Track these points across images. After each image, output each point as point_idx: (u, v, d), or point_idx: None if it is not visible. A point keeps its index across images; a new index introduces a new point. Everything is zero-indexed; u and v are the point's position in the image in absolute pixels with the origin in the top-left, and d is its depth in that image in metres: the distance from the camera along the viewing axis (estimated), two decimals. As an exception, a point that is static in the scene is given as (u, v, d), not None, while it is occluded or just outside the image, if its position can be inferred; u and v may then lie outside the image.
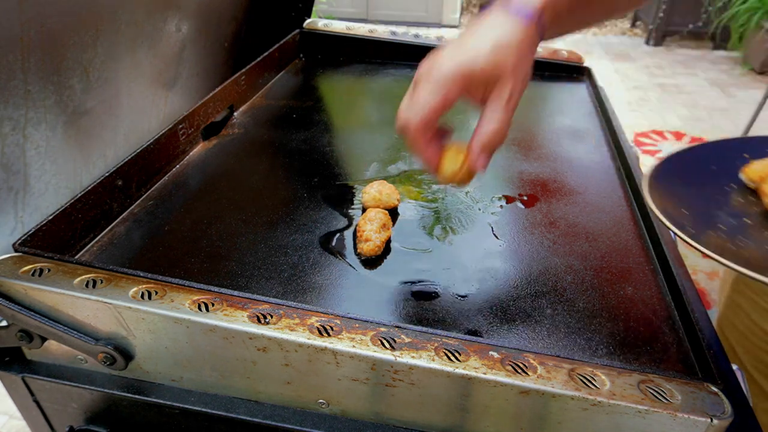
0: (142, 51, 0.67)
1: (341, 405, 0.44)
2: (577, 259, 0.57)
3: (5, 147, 0.49)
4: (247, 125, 0.86)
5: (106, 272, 0.46)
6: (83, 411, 0.51)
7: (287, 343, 0.41)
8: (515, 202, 0.67)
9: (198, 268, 0.55)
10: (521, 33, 0.46)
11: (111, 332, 0.45)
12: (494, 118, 0.47)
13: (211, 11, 0.83)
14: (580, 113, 0.92)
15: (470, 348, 0.40)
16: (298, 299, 0.51)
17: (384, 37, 1.11)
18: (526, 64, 0.48)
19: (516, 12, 0.46)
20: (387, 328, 0.42)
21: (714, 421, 0.36)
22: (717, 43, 4.01)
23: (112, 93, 0.62)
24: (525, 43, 0.46)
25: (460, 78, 0.46)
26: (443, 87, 0.46)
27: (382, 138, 0.83)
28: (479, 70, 0.46)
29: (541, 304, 0.51)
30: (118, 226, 0.62)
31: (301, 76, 1.07)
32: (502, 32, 0.46)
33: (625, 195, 0.69)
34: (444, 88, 0.46)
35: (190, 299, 0.44)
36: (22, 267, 0.47)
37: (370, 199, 0.63)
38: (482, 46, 0.46)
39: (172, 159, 0.73)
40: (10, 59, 0.47)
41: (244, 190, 0.69)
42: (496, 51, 0.46)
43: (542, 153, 0.79)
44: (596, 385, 0.38)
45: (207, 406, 0.46)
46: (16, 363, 0.51)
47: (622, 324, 0.49)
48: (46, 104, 0.52)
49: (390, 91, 1.01)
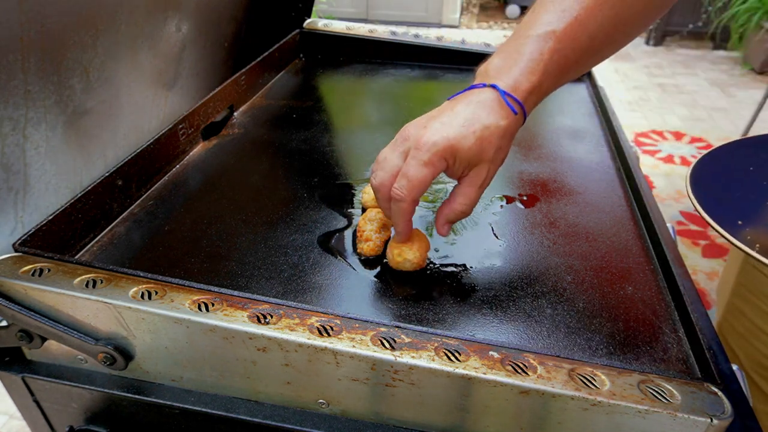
0: (142, 51, 0.67)
1: (341, 405, 0.44)
2: (577, 259, 0.57)
3: (5, 147, 0.49)
4: (247, 125, 0.86)
5: (106, 272, 0.46)
6: (83, 411, 0.51)
7: (287, 343, 0.41)
8: (515, 202, 0.67)
9: (198, 268, 0.55)
10: (507, 120, 0.48)
11: (111, 332, 0.45)
12: (466, 197, 0.50)
13: (211, 11, 0.83)
14: (580, 113, 0.92)
15: (470, 348, 0.40)
16: (298, 299, 0.51)
17: (384, 37, 1.11)
18: (505, 149, 0.50)
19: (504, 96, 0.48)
20: (387, 328, 0.42)
21: (714, 421, 0.36)
22: (717, 43, 4.01)
23: (112, 93, 0.62)
24: (509, 130, 0.49)
25: (448, 151, 0.47)
26: (432, 160, 0.47)
27: (382, 138, 0.83)
28: (465, 150, 0.47)
29: (541, 304, 0.51)
30: (118, 226, 0.62)
31: (301, 76, 1.07)
32: (490, 116, 0.47)
33: (625, 195, 0.69)
34: (433, 161, 0.47)
35: (190, 299, 0.44)
36: (22, 267, 0.47)
37: (370, 199, 0.63)
38: (471, 125, 0.47)
39: (172, 159, 0.73)
40: (10, 59, 0.47)
41: (244, 190, 0.69)
42: (482, 136, 0.47)
43: (542, 153, 0.79)
44: (596, 385, 0.38)
45: (207, 406, 0.46)
46: (16, 363, 0.51)
47: (622, 324, 0.49)
48: (46, 104, 0.52)
49: (390, 91, 1.01)
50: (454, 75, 1.07)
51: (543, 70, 0.48)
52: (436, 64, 1.11)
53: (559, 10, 0.48)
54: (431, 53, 1.10)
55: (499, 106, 0.47)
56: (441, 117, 0.48)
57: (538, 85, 0.48)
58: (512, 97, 0.47)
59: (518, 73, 0.47)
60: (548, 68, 0.48)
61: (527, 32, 0.48)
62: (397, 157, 0.49)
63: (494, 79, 0.48)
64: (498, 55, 0.50)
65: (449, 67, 1.10)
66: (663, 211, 0.64)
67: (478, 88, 0.49)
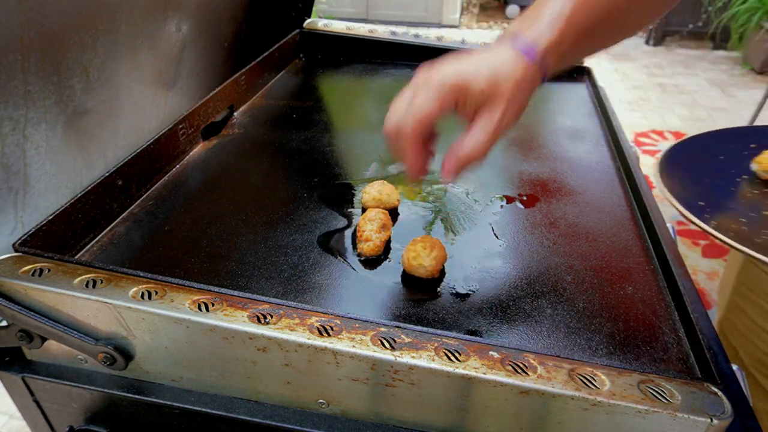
0: (142, 51, 0.67)
1: (341, 405, 0.44)
2: (577, 259, 0.57)
3: (5, 147, 0.49)
4: (247, 125, 0.86)
5: (106, 272, 0.46)
6: (83, 411, 0.51)
7: (287, 343, 0.41)
8: (515, 202, 0.67)
9: (198, 268, 0.55)
10: (523, 70, 0.47)
11: (111, 332, 0.45)
12: (478, 135, 0.48)
13: (211, 11, 0.83)
14: (580, 113, 0.92)
15: (470, 348, 0.40)
16: (298, 299, 0.51)
17: (384, 37, 1.11)
18: (523, 97, 0.48)
19: (521, 49, 0.47)
20: (387, 328, 0.42)
21: (714, 421, 0.36)
22: (717, 43, 4.01)
23: (112, 93, 0.62)
24: (525, 79, 0.47)
25: (457, 86, 0.46)
26: (440, 92, 0.46)
27: (382, 138, 0.83)
28: (477, 84, 0.46)
29: (541, 304, 0.51)
30: (118, 226, 0.62)
31: (301, 76, 1.07)
32: (506, 62, 0.47)
33: (625, 195, 0.69)
34: (441, 93, 0.46)
35: (190, 299, 0.44)
36: (22, 267, 0.47)
37: (370, 200, 0.63)
38: (485, 65, 0.47)
39: (172, 159, 0.73)
40: (10, 59, 0.47)
41: (244, 190, 0.69)
42: (497, 75, 0.46)
43: (542, 153, 0.79)
44: (596, 385, 0.38)
45: (207, 406, 0.46)
46: (16, 363, 0.51)
47: (622, 324, 0.49)
48: (46, 104, 0.52)
49: (390, 91, 1.01)
50: (454, 75, 1.07)
51: (561, 28, 0.47)
52: (436, 64, 1.11)
53: None
54: (431, 53, 1.09)
55: (516, 55, 0.47)
56: (457, 59, 0.48)
57: (556, 44, 0.48)
58: (527, 50, 0.47)
59: (536, 31, 0.48)
60: (566, 30, 0.48)
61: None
62: (409, 98, 0.48)
63: (512, 38, 0.48)
64: (518, 19, 0.50)
65: (449, 67, 1.09)
66: (663, 211, 0.64)
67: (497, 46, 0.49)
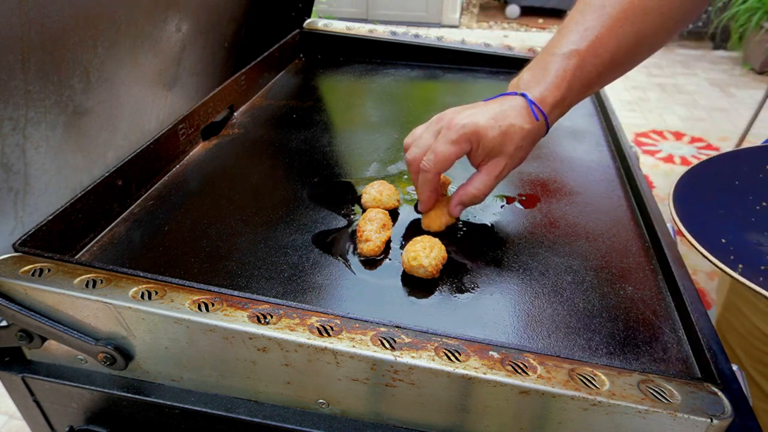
0: (142, 51, 0.67)
1: (341, 405, 0.44)
2: (577, 259, 0.57)
3: (5, 147, 0.49)
4: (247, 125, 0.86)
5: (106, 272, 0.46)
6: (83, 411, 0.51)
7: (287, 343, 0.41)
8: (515, 202, 0.67)
9: (198, 268, 0.55)
10: (530, 125, 0.54)
11: (111, 332, 0.45)
12: (481, 183, 0.57)
13: (211, 11, 0.83)
14: (580, 113, 0.92)
15: (470, 348, 0.40)
16: (298, 299, 0.51)
17: (384, 37, 1.11)
18: (525, 150, 0.57)
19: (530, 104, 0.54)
20: (387, 328, 0.42)
21: (714, 421, 0.36)
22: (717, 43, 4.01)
23: (112, 93, 0.62)
24: (531, 133, 0.55)
25: (474, 137, 0.54)
26: (460, 140, 0.54)
27: (382, 138, 0.83)
28: (489, 138, 0.54)
29: (541, 304, 0.51)
30: (118, 226, 0.62)
31: (301, 76, 1.07)
32: (516, 117, 0.54)
33: (625, 195, 0.69)
34: (459, 141, 0.54)
35: (190, 299, 0.44)
36: (22, 267, 0.47)
37: (371, 200, 0.63)
38: (498, 121, 0.54)
39: (172, 159, 0.73)
40: (10, 59, 0.47)
41: (244, 190, 0.69)
42: (506, 131, 0.54)
43: (542, 153, 0.79)
44: (596, 385, 0.38)
45: (207, 406, 0.46)
46: (16, 363, 0.51)
47: (622, 324, 0.49)
48: (46, 104, 0.52)
49: (390, 91, 1.01)
50: (454, 75, 1.07)
51: (567, 86, 0.54)
52: (436, 64, 1.11)
53: (582, 29, 0.54)
54: (431, 53, 1.10)
55: (526, 111, 0.54)
56: (474, 108, 0.56)
57: (561, 99, 0.54)
58: (538, 107, 0.54)
59: (544, 87, 0.54)
60: (572, 84, 0.54)
61: (553, 50, 0.55)
62: (430, 136, 0.56)
63: (524, 90, 0.55)
64: (527, 70, 0.57)
65: (449, 67, 1.10)
66: (663, 211, 0.64)
67: (510, 95, 0.56)
